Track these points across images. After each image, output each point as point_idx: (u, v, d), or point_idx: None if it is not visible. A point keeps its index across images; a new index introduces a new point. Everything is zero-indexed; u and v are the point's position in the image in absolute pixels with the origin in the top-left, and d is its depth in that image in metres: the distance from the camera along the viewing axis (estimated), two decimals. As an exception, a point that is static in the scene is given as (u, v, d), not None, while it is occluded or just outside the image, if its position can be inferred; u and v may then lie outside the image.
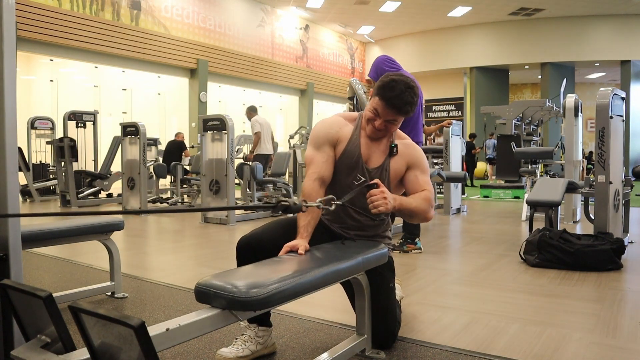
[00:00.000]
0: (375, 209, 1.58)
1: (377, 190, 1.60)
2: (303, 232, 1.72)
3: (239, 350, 1.70)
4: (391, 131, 1.83)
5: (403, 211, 1.71)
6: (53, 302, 1.08)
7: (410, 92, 1.75)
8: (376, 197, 1.58)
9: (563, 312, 2.32)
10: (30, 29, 8.72)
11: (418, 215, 1.74)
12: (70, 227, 2.34)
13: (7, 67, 1.36)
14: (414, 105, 1.78)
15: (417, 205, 1.73)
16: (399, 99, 1.73)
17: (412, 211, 1.72)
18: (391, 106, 1.75)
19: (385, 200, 1.58)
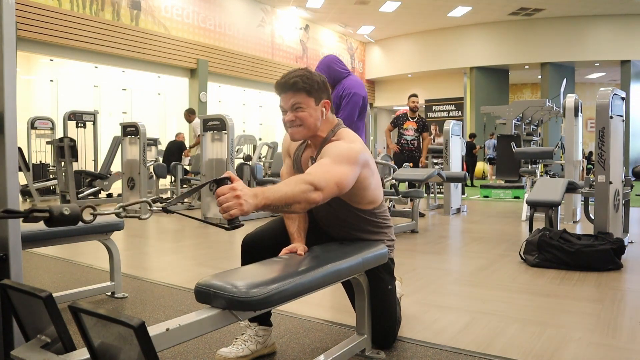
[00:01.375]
0: (225, 213, 1.20)
1: (227, 188, 1.22)
2: (297, 237, 1.72)
3: (238, 350, 1.70)
4: (304, 120, 1.65)
5: (276, 204, 1.32)
6: (53, 302, 1.08)
7: (296, 71, 1.67)
8: (225, 198, 1.20)
9: (563, 312, 2.32)
10: (30, 29, 8.71)
11: (296, 202, 1.37)
12: (70, 228, 2.34)
13: (7, 67, 1.36)
14: (304, 77, 1.64)
15: (289, 190, 1.35)
16: (283, 80, 1.66)
17: (285, 199, 1.34)
18: (281, 89, 1.66)
19: (239, 199, 1.20)
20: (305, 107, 1.65)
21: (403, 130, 6.40)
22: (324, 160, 1.56)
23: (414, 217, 4.82)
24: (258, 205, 1.26)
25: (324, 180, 1.44)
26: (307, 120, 1.66)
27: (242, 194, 1.22)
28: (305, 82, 1.64)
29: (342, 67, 3.43)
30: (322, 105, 1.70)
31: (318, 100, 1.68)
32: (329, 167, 1.52)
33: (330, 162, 1.54)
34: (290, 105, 1.65)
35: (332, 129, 1.75)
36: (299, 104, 1.65)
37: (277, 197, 1.32)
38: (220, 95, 13.54)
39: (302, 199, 1.38)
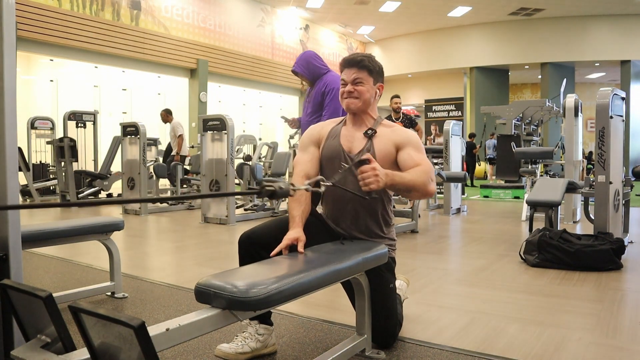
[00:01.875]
0: (366, 186, 1.51)
1: (368, 167, 1.52)
2: (299, 221, 1.74)
3: (238, 346, 1.71)
4: (362, 94, 1.84)
5: (397, 185, 1.62)
6: (53, 302, 1.08)
7: (364, 54, 1.90)
8: (367, 174, 1.50)
9: (563, 312, 2.32)
10: (30, 29, 8.71)
11: (417, 189, 1.66)
12: (70, 227, 2.34)
13: (7, 67, 1.36)
14: (370, 58, 1.87)
15: (413, 178, 1.65)
16: (351, 56, 1.88)
17: (408, 185, 1.64)
18: (347, 64, 1.86)
19: (377, 177, 1.50)
20: (365, 83, 1.85)
21: None
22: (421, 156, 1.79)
23: (414, 217, 4.82)
24: (387, 183, 1.56)
25: (433, 172, 1.73)
26: (364, 94, 1.85)
27: (380, 172, 1.53)
28: (370, 63, 1.86)
29: (321, 63, 3.44)
30: (378, 87, 1.91)
31: (376, 82, 1.89)
32: (425, 159, 1.78)
33: (422, 155, 1.79)
34: (352, 78, 1.84)
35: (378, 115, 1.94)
36: (360, 79, 1.84)
37: (403, 181, 1.63)
38: (220, 95, 13.53)
39: (422, 189, 1.67)
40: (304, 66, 3.40)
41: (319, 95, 3.34)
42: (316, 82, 3.39)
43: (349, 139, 1.88)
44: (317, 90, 3.35)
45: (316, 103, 3.38)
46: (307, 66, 3.40)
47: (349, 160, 1.82)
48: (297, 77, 3.50)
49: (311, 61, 3.41)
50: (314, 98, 3.39)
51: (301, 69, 3.39)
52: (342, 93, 1.87)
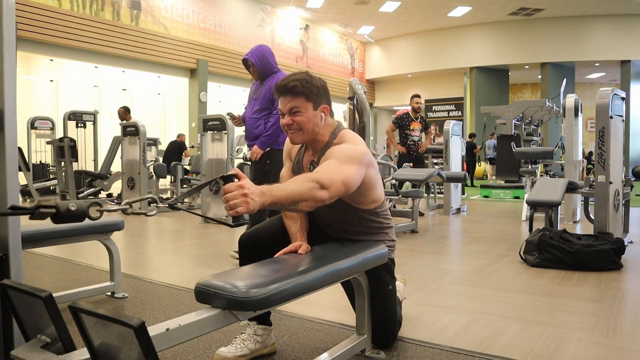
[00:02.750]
0: (231, 209, 1.21)
1: (234, 185, 1.22)
2: (300, 236, 1.72)
3: (237, 349, 1.70)
4: (302, 125, 1.66)
5: (282, 202, 1.33)
6: (53, 302, 1.08)
7: (297, 75, 1.69)
8: (231, 195, 1.21)
9: (563, 312, 2.32)
10: (30, 29, 8.71)
11: (303, 200, 1.38)
12: (70, 227, 2.34)
13: (7, 67, 1.36)
14: (303, 82, 1.65)
15: (295, 188, 1.37)
16: (282, 82, 1.68)
17: (291, 197, 1.35)
18: (280, 91, 1.67)
19: (245, 197, 1.21)
20: (304, 111, 1.66)
21: (409, 131, 6.34)
22: (330, 161, 1.56)
23: (414, 217, 4.82)
24: (265, 203, 1.27)
25: (330, 179, 1.45)
26: (305, 124, 1.67)
27: (250, 192, 1.22)
28: (305, 87, 1.65)
29: (274, 61, 3.40)
30: (321, 110, 1.70)
31: (317, 105, 1.69)
32: (335, 166, 1.53)
33: (336, 162, 1.55)
34: (288, 108, 1.66)
35: (332, 131, 1.75)
36: (297, 108, 1.65)
37: (284, 195, 1.33)
38: (220, 95, 13.54)
39: (308, 196, 1.39)
40: (258, 57, 3.33)
41: (269, 92, 3.28)
42: (266, 80, 3.34)
43: (306, 165, 1.80)
44: (268, 88, 3.29)
45: (265, 100, 3.33)
46: (262, 59, 3.33)
47: None
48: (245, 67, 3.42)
49: (266, 56, 3.35)
50: (264, 95, 3.34)
51: (255, 59, 3.32)
52: (282, 126, 1.71)
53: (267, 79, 3.36)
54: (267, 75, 3.36)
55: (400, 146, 6.39)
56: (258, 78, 3.41)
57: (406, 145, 6.36)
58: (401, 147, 6.37)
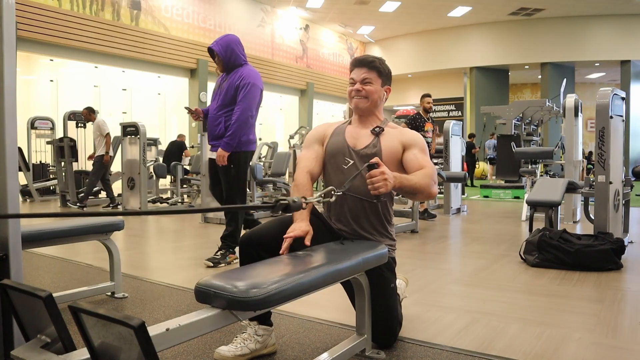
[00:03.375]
0: (375, 190, 1.52)
1: (377, 171, 1.53)
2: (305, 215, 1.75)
3: (237, 349, 1.70)
4: (370, 94, 1.88)
5: (404, 189, 1.66)
6: (53, 302, 1.08)
7: (373, 56, 1.96)
8: (376, 179, 1.52)
9: (563, 312, 2.32)
10: (30, 29, 8.71)
11: (421, 192, 1.70)
12: (70, 227, 2.34)
13: (7, 67, 1.36)
14: (381, 60, 1.91)
15: (418, 181, 1.69)
16: (362, 57, 1.94)
17: (414, 188, 1.67)
18: (358, 63, 1.90)
19: (386, 181, 1.52)
20: (374, 83, 1.89)
21: (424, 132, 6.07)
22: (423, 156, 1.82)
23: (414, 217, 4.82)
24: (395, 186, 1.60)
25: (435, 175, 1.77)
26: (373, 94, 1.88)
27: (388, 176, 1.54)
28: (381, 65, 1.91)
29: (242, 52, 3.21)
30: (386, 89, 1.94)
31: (384, 84, 1.93)
32: (429, 162, 1.81)
33: (427, 158, 1.83)
34: (361, 77, 1.88)
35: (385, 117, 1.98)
36: (369, 80, 1.88)
37: (409, 184, 1.66)
38: (220, 95, 13.52)
39: (426, 191, 1.71)
40: (224, 48, 3.14)
41: (232, 88, 3.13)
42: (232, 73, 3.16)
43: (354, 135, 1.91)
44: (232, 82, 3.13)
45: (228, 96, 3.17)
46: (227, 49, 3.15)
47: (353, 155, 1.86)
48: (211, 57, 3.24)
49: (233, 46, 3.16)
50: (227, 90, 3.17)
51: (219, 48, 3.15)
52: (350, 92, 1.90)
53: (232, 72, 3.17)
54: (233, 68, 3.17)
55: None
56: (223, 70, 3.23)
57: None
58: None
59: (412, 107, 15.00)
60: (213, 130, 3.27)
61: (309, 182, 1.85)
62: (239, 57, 3.19)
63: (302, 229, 1.69)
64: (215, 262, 3.31)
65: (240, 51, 3.21)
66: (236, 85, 3.14)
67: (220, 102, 3.21)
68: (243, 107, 3.12)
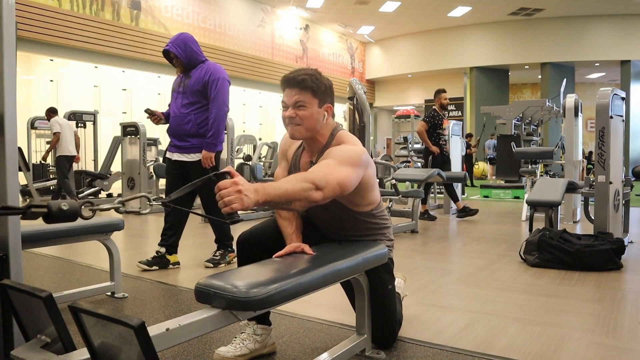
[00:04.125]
0: (226, 206, 1.21)
1: (229, 182, 1.23)
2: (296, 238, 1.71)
3: (237, 349, 1.70)
4: (305, 120, 1.64)
5: (276, 200, 1.32)
6: (53, 302, 1.08)
7: (306, 70, 1.68)
8: (226, 192, 1.21)
9: (563, 312, 2.32)
10: (30, 29, 8.71)
11: (298, 198, 1.37)
12: (70, 227, 2.34)
13: (7, 67, 1.36)
14: (313, 77, 1.64)
15: (289, 187, 1.36)
16: (291, 75, 1.66)
17: (287, 196, 1.35)
18: (287, 83, 1.64)
19: (240, 194, 1.21)
20: (309, 106, 1.64)
21: (441, 130, 5.98)
22: (328, 161, 1.55)
23: (414, 217, 4.82)
24: (259, 200, 1.27)
25: (325, 179, 1.44)
26: (308, 120, 1.64)
27: (244, 189, 1.23)
28: (314, 82, 1.63)
29: (199, 49, 3.15)
30: (325, 108, 1.69)
31: (322, 103, 1.67)
32: (332, 167, 1.51)
33: (334, 163, 1.53)
34: (293, 101, 1.63)
35: (331, 132, 1.73)
36: (302, 102, 1.63)
37: (278, 194, 1.32)
38: (220, 95, 13.51)
39: (302, 197, 1.38)
40: (181, 48, 3.07)
41: (199, 83, 3.07)
42: (193, 70, 3.11)
43: (303, 167, 1.76)
44: (198, 78, 3.07)
45: (195, 92, 3.10)
46: (185, 49, 3.08)
47: None
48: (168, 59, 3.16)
49: (190, 44, 3.10)
50: (192, 87, 3.11)
51: (178, 50, 3.06)
52: (284, 118, 1.67)
53: (193, 70, 3.11)
54: (193, 66, 3.12)
55: (434, 147, 5.92)
56: (183, 70, 3.17)
57: (438, 145, 5.95)
58: (435, 147, 5.92)
59: (412, 107, 14.99)
60: (181, 130, 3.16)
61: None
62: (197, 54, 3.14)
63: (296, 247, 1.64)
64: (215, 263, 3.31)
65: (198, 49, 3.15)
66: (204, 80, 3.09)
67: (187, 100, 3.13)
68: (219, 104, 3.08)
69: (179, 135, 3.19)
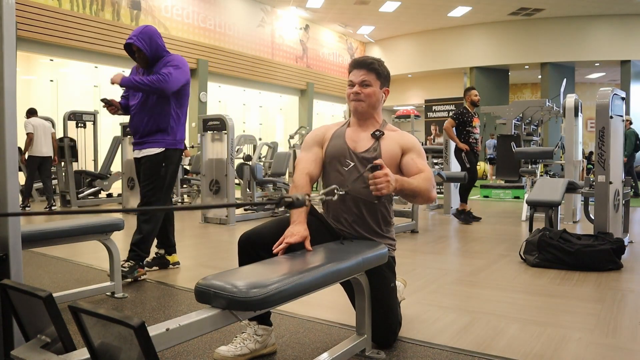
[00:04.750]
0: (377, 191, 1.55)
1: (381, 172, 1.56)
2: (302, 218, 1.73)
3: (237, 348, 1.70)
4: (369, 96, 1.88)
5: (405, 191, 1.68)
6: (53, 302, 1.08)
7: (374, 57, 1.95)
8: (379, 180, 1.55)
9: (563, 312, 2.32)
10: (30, 29, 8.71)
11: (421, 195, 1.72)
12: (71, 227, 2.34)
13: (7, 67, 1.36)
14: (380, 62, 1.91)
15: (419, 184, 1.72)
16: (361, 58, 1.93)
17: (414, 191, 1.70)
18: (357, 65, 1.90)
19: (388, 183, 1.56)
20: (373, 85, 1.88)
21: (471, 127, 5.71)
22: (420, 160, 1.85)
23: (414, 217, 4.82)
24: (397, 188, 1.63)
25: (434, 179, 1.80)
26: (371, 97, 1.88)
27: (391, 178, 1.58)
28: (380, 67, 1.90)
29: (163, 42, 3.02)
30: (384, 91, 1.94)
31: (382, 85, 1.92)
32: (427, 167, 1.83)
33: (424, 162, 1.85)
34: (360, 79, 1.87)
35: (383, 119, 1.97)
36: (368, 82, 1.87)
37: (410, 187, 1.69)
38: (220, 95, 13.53)
39: (426, 195, 1.73)
40: (146, 42, 2.90)
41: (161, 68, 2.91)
42: (155, 66, 2.95)
43: (354, 138, 1.91)
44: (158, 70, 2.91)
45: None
46: (150, 42, 2.93)
47: (354, 157, 1.86)
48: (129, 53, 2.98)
49: (155, 38, 2.95)
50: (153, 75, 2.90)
51: (142, 44, 2.88)
52: (349, 94, 1.90)
53: (156, 65, 2.96)
54: (157, 61, 2.98)
55: (463, 144, 5.64)
56: (145, 65, 3.00)
57: (468, 143, 5.69)
58: (464, 144, 5.65)
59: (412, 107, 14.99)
60: (140, 127, 2.98)
61: (308, 184, 1.84)
62: (162, 47, 3.01)
63: (301, 234, 1.68)
64: (123, 275, 2.75)
65: (162, 43, 3.02)
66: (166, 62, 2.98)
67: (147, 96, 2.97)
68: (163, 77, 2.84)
69: (140, 131, 3.01)
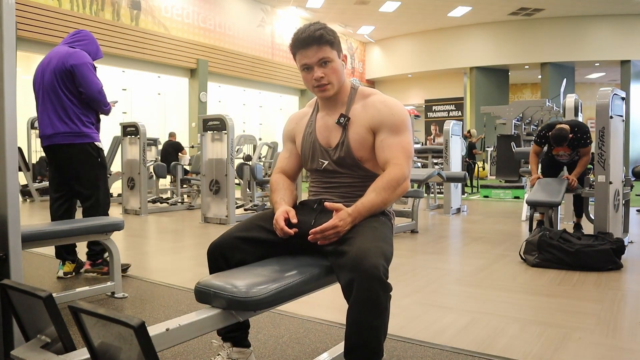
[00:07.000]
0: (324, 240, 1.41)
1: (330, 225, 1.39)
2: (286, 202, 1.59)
3: None
4: (334, 76, 1.54)
5: (367, 215, 1.46)
6: (53, 302, 1.08)
7: (316, 25, 1.54)
8: (329, 233, 1.39)
9: (563, 312, 2.32)
10: (30, 29, 8.72)
11: (387, 203, 1.48)
12: (71, 227, 2.34)
13: (7, 67, 1.36)
14: (327, 29, 1.52)
15: (374, 200, 1.45)
16: (304, 33, 1.51)
17: (378, 207, 1.47)
18: (303, 43, 1.51)
19: (339, 233, 1.39)
20: (331, 59, 1.53)
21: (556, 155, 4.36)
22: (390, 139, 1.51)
23: (414, 217, 4.82)
24: (355, 221, 1.43)
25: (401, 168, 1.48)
26: (336, 74, 1.54)
27: (342, 225, 1.40)
28: (329, 34, 1.52)
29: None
30: (342, 59, 1.59)
31: (339, 54, 1.57)
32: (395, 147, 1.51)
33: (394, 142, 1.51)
34: (317, 60, 1.51)
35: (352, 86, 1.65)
36: (326, 58, 1.52)
37: (373, 208, 1.46)
38: (220, 95, 13.53)
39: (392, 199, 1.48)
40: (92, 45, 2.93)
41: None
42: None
43: (324, 131, 1.63)
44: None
45: None
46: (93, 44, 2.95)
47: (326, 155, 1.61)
48: None
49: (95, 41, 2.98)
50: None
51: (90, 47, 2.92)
52: (309, 81, 1.55)
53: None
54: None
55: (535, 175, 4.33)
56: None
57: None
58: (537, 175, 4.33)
59: (412, 107, 14.99)
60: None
61: (284, 181, 1.68)
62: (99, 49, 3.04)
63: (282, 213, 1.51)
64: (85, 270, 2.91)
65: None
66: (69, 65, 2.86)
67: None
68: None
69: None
